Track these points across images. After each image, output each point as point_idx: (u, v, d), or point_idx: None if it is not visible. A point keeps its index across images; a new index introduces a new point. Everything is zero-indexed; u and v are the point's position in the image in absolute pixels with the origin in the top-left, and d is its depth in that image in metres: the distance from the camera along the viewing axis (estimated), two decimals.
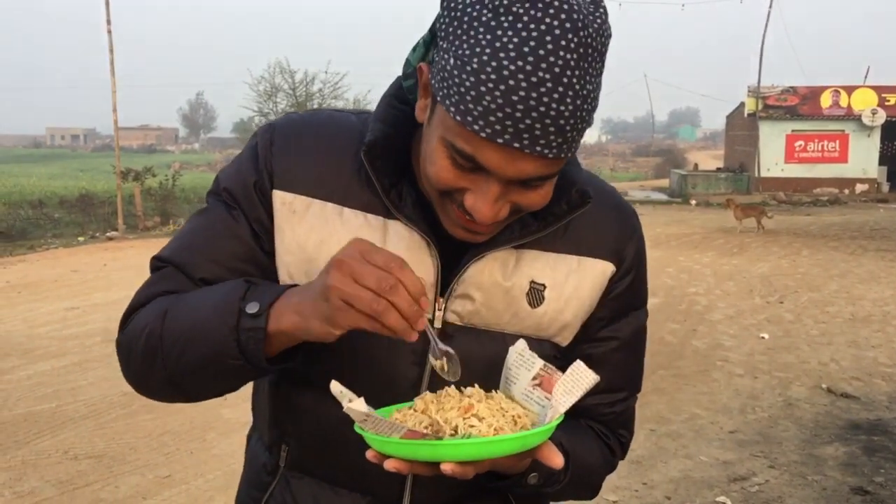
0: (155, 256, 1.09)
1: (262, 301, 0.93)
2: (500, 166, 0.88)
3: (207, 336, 0.95)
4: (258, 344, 0.93)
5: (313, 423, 1.09)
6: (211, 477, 4.31)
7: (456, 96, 0.86)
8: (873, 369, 6.49)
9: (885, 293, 9.74)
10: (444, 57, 0.89)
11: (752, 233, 16.36)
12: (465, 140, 0.88)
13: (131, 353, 1.03)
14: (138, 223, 17.89)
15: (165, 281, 1.06)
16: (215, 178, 1.11)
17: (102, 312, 8.56)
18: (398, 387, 1.04)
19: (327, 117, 1.09)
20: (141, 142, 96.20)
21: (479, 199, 0.91)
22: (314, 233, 1.03)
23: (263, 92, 26.94)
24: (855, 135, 27.27)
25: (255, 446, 1.21)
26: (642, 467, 4.44)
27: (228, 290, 0.97)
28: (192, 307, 0.99)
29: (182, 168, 27.94)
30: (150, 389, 1.07)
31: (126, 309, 1.08)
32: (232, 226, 1.06)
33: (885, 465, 4.50)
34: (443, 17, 0.90)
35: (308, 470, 1.12)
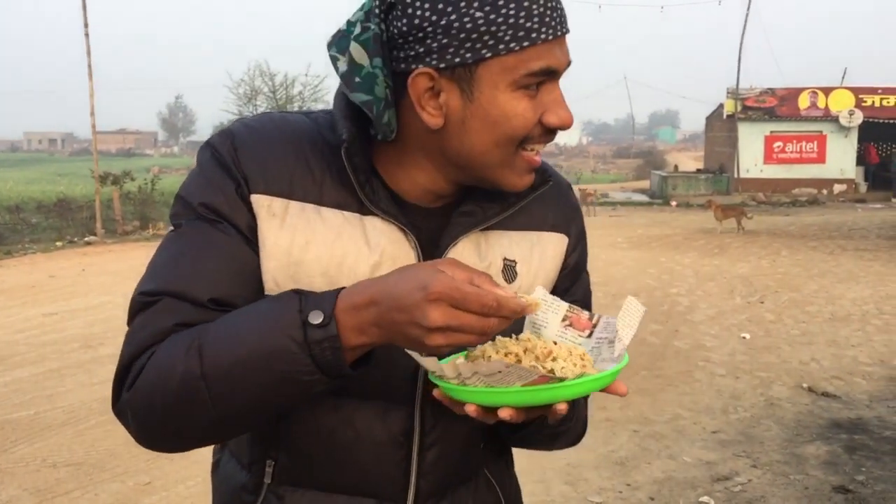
0: (140, 292, 0.99)
1: (322, 308, 0.89)
2: (561, 60, 0.99)
3: (271, 360, 0.89)
4: (336, 353, 0.89)
5: (310, 431, 1.05)
6: (191, 483, 4.27)
7: (510, 31, 0.94)
8: (853, 368, 6.53)
9: (864, 292, 9.82)
10: (458, 26, 0.94)
11: (732, 233, 16.46)
12: (535, 59, 0.96)
13: (152, 409, 0.94)
14: (117, 228, 17.75)
15: (165, 315, 0.96)
16: (177, 198, 1.04)
17: (81, 318, 8.47)
18: (395, 377, 1.05)
19: (281, 119, 1.08)
20: (119, 146, 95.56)
21: (560, 109, 0.99)
22: (298, 234, 1.01)
23: (243, 95, 26.83)
24: (833, 136, 27.53)
25: (226, 469, 1.15)
26: (626, 468, 4.44)
27: (278, 305, 0.91)
28: (236, 334, 0.91)
29: (161, 172, 27.73)
30: (177, 441, 0.98)
31: (120, 364, 0.98)
32: (222, 240, 1.00)
33: (866, 464, 4.52)
34: (415, 13, 0.95)
35: (301, 481, 1.08)
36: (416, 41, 0.96)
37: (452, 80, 0.96)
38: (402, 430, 1.06)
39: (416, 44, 0.96)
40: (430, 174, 1.05)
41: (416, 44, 0.96)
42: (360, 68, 0.98)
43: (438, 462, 1.09)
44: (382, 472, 1.06)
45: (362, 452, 1.04)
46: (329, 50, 1.02)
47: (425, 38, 0.95)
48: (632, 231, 17.07)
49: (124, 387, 0.96)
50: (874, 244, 14.69)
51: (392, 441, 1.06)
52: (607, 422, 5.23)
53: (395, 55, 0.98)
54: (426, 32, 0.95)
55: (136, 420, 0.96)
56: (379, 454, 1.06)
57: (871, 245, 14.56)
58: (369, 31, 0.97)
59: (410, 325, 0.86)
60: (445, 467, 1.09)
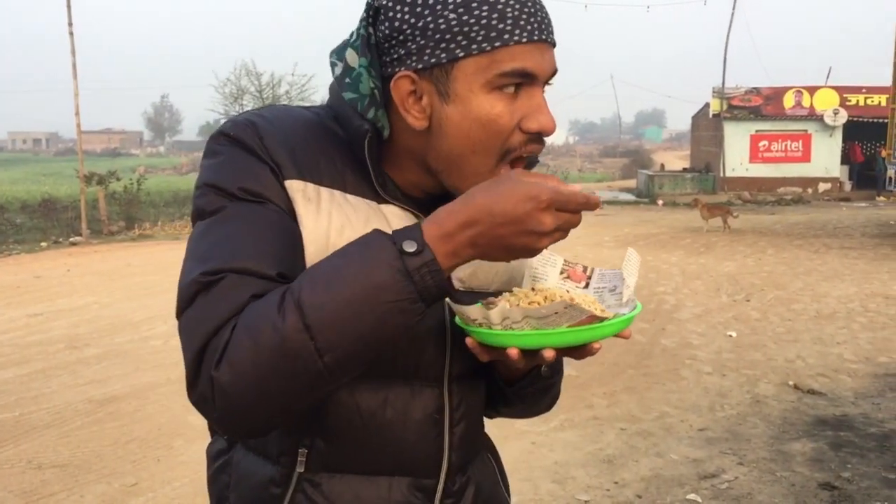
0: (201, 272, 0.95)
1: (413, 237, 0.92)
2: (541, 65, 1.00)
3: (379, 293, 0.89)
4: (436, 276, 0.91)
5: (351, 415, 1.06)
6: (178, 485, 4.25)
7: (482, 32, 0.97)
8: (839, 365, 6.57)
9: (849, 290, 9.89)
10: (433, 28, 0.97)
11: (718, 232, 16.53)
12: (509, 60, 0.98)
13: (248, 380, 0.90)
14: (102, 228, 17.65)
15: (237, 291, 0.93)
16: (207, 187, 1.02)
17: (66, 319, 8.42)
18: (425, 357, 1.09)
19: (290, 110, 1.11)
20: (105, 145, 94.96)
21: (539, 114, 1.01)
22: (333, 219, 1.03)
23: (229, 94, 26.73)
24: (817, 134, 27.68)
25: (243, 466, 1.12)
26: (613, 466, 4.45)
27: (368, 243, 0.92)
28: (336, 278, 0.90)
29: (147, 172, 27.56)
30: (273, 412, 0.93)
31: (193, 346, 0.93)
32: (274, 217, 1.00)
33: (851, 461, 4.55)
34: (396, 16, 0.99)
35: (338, 467, 1.08)
36: (398, 44, 1.00)
37: (431, 81, 1.00)
38: (437, 408, 1.11)
39: (399, 47, 1.00)
40: (420, 176, 1.09)
41: (399, 47, 1.00)
42: (351, 70, 1.04)
43: (464, 437, 1.14)
44: (421, 449, 1.10)
45: (402, 432, 1.08)
46: (330, 57, 1.08)
47: (405, 40, 1.00)
48: (618, 230, 17.12)
49: (207, 367, 0.91)
50: (859, 242, 14.79)
51: (428, 419, 1.10)
52: (594, 420, 5.24)
53: (383, 59, 1.03)
54: (406, 35, 0.99)
55: (225, 399, 0.91)
56: (418, 432, 1.09)
57: (855, 243, 14.65)
58: (359, 35, 1.03)
59: (521, 235, 0.91)
60: (468, 442, 1.16)
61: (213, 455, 1.18)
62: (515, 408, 1.26)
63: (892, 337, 7.50)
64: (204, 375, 0.92)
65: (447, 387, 1.11)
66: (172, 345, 7.25)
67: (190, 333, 0.94)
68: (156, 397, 5.73)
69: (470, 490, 1.17)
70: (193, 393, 0.94)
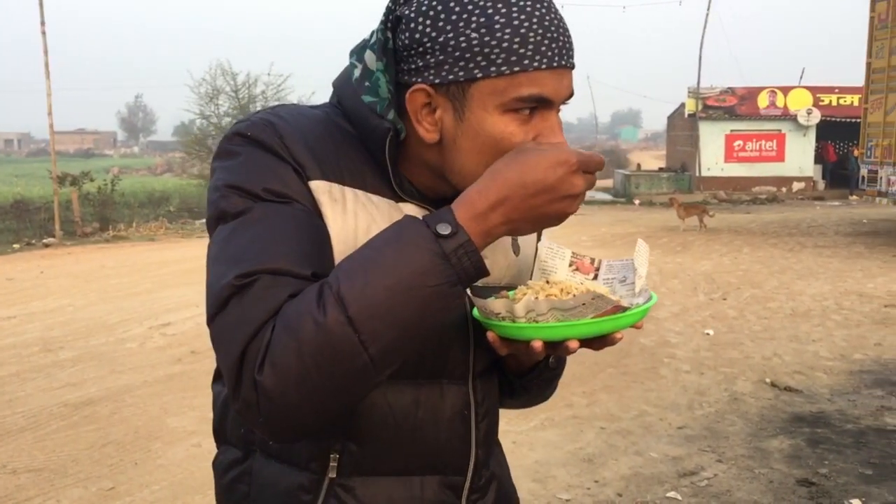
0: (234, 275, 0.92)
1: (446, 220, 0.92)
2: (557, 90, 1.00)
3: (423, 277, 0.89)
4: (473, 256, 0.92)
5: (384, 417, 1.06)
6: (157, 488, 4.21)
7: (502, 55, 0.96)
8: (814, 363, 6.64)
9: (824, 288, 9.99)
10: (454, 45, 0.97)
11: (694, 231, 16.64)
12: (527, 84, 0.97)
13: (293, 380, 0.88)
14: (76, 229, 17.44)
15: (273, 291, 0.91)
16: (229, 188, 0.99)
17: (40, 321, 8.32)
18: (451, 355, 1.10)
19: (302, 109, 1.10)
20: (78, 146, 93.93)
21: (552, 136, 1.00)
22: (360, 219, 1.03)
23: (205, 94, 26.47)
24: (791, 134, 27.96)
25: (266, 475, 1.09)
26: (594, 465, 4.46)
27: (403, 229, 0.92)
28: (376, 267, 0.90)
29: (121, 172, 27.27)
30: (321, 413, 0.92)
31: (233, 352, 0.90)
32: (302, 216, 0.98)
33: (828, 457, 4.60)
34: (416, 28, 0.99)
35: (371, 469, 1.08)
36: (417, 55, 1.00)
37: (447, 97, 1.00)
38: (464, 405, 1.13)
39: (417, 58, 1.00)
40: (433, 181, 1.09)
41: (417, 58, 1.00)
42: (371, 73, 1.03)
43: (488, 432, 1.17)
44: (451, 447, 1.12)
45: (434, 430, 1.10)
46: (350, 57, 1.08)
47: (424, 53, 0.99)
48: (596, 229, 17.18)
49: (249, 371, 0.89)
50: (832, 241, 14.94)
51: (458, 416, 1.12)
52: (574, 419, 5.25)
53: (400, 66, 1.03)
54: (425, 48, 0.99)
55: (271, 402, 0.89)
56: (449, 430, 1.11)
57: (829, 242, 14.80)
58: (379, 38, 1.02)
59: (556, 202, 0.93)
60: (490, 437, 1.19)
61: (225, 466, 1.15)
62: (520, 399, 1.29)
63: (866, 334, 7.59)
64: (247, 380, 0.89)
65: (472, 383, 1.13)
66: (149, 347, 7.19)
67: (227, 339, 0.92)
68: (132, 400, 5.67)
69: (494, 484, 1.20)
70: (237, 400, 0.91)
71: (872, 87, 15.24)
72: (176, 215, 22.01)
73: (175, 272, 11.64)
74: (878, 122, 14.91)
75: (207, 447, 4.73)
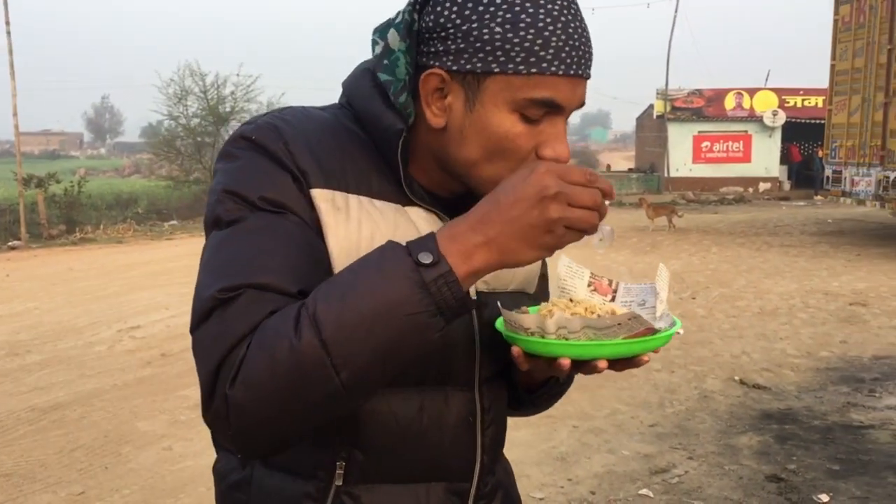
0: (219, 289, 0.92)
1: (429, 249, 0.90)
2: (569, 97, 0.99)
3: (398, 307, 0.87)
4: (454, 287, 0.89)
5: (388, 424, 1.05)
6: (127, 492, 4.17)
7: (522, 54, 0.96)
8: (782, 360, 6.73)
9: (790, 287, 10.13)
10: (476, 35, 0.97)
11: (663, 231, 16.79)
12: (541, 87, 0.97)
13: (264, 397, 0.88)
14: (42, 232, 17.21)
15: (256, 306, 0.91)
16: (226, 193, 0.99)
17: (6, 325, 8.19)
18: (456, 362, 1.09)
19: (309, 112, 1.08)
20: (43, 147, 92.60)
21: (557, 143, 1.01)
22: (363, 227, 1.02)
23: (173, 95, 26.22)
24: (757, 135, 28.33)
25: (270, 484, 1.08)
26: (567, 463, 4.49)
27: (384, 256, 0.90)
28: (353, 292, 0.88)
29: (88, 174, 26.99)
30: (288, 430, 0.93)
31: (209, 363, 0.91)
32: (295, 230, 0.97)
33: (796, 453, 4.67)
34: (443, 12, 0.99)
35: (376, 477, 1.07)
36: (439, 39, 1.00)
37: (461, 85, 1.00)
38: (469, 411, 1.11)
39: (438, 42, 1.00)
40: (442, 176, 1.08)
41: (438, 42, 1.00)
42: (391, 52, 1.03)
43: (494, 438, 1.16)
44: (456, 453, 1.11)
45: (439, 437, 1.09)
46: (373, 34, 1.07)
47: (446, 38, 0.99)
48: None
49: (222, 385, 0.89)
50: (798, 240, 15.16)
51: (463, 422, 1.11)
52: (548, 418, 5.28)
53: (421, 49, 1.02)
54: (448, 33, 0.99)
55: (240, 417, 0.89)
56: (454, 436, 1.10)
57: (795, 241, 15.01)
58: (405, 19, 1.02)
59: (533, 208, 0.90)
60: (497, 444, 1.18)
61: (223, 473, 1.14)
62: (525, 410, 1.29)
63: (832, 332, 7.71)
64: (219, 394, 0.90)
65: (478, 390, 1.12)
66: (117, 350, 7.11)
67: (205, 351, 0.92)
68: (101, 404, 5.60)
69: (500, 492, 1.19)
70: (208, 411, 0.92)
71: (836, 89, 15.48)
72: (144, 217, 21.81)
73: (144, 274, 11.53)
74: (842, 123, 15.15)
75: (178, 451, 4.69)
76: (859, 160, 14.52)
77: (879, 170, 13.79)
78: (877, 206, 14.82)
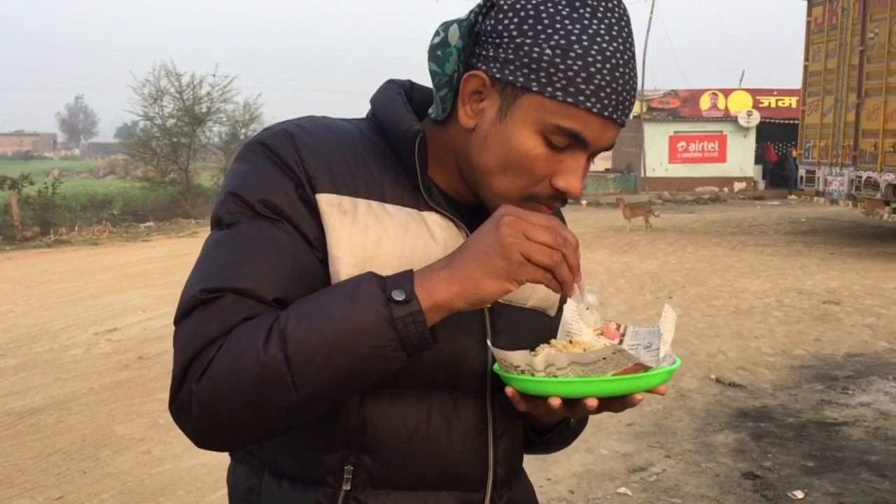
0: (202, 289, 0.97)
1: (403, 287, 0.94)
2: (597, 138, 1.01)
3: (362, 337, 0.92)
4: (420, 327, 0.93)
5: (395, 429, 1.06)
6: (106, 496, 4.14)
7: (563, 81, 0.97)
8: (757, 359, 6.81)
9: (765, 286, 10.24)
10: (526, 51, 0.98)
11: (640, 231, 16.90)
12: (572, 119, 0.98)
13: (225, 398, 0.93)
14: (16, 234, 17.02)
15: (232, 310, 0.96)
16: (229, 195, 1.03)
17: None
18: (466, 367, 1.08)
19: (328, 122, 1.12)
20: (16, 148, 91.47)
21: (572, 176, 1.02)
22: (371, 231, 1.03)
23: (148, 95, 26.03)
24: (732, 135, 28.58)
25: (281, 491, 1.08)
26: (546, 463, 4.52)
27: (359, 286, 0.94)
28: (322, 316, 0.93)
29: (62, 175, 26.73)
30: (243, 433, 0.98)
31: (183, 358, 0.96)
32: (285, 240, 1.00)
33: (772, 450, 4.73)
34: (503, 20, 1.00)
35: (385, 483, 1.07)
36: (492, 45, 1.01)
37: (499, 94, 1.02)
38: (480, 418, 1.10)
39: (491, 47, 1.02)
40: (459, 181, 1.11)
41: (491, 47, 1.02)
42: (447, 45, 1.04)
43: (508, 450, 1.14)
44: (466, 462, 1.10)
45: (448, 443, 1.08)
46: (439, 26, 1.09)
47: (499, 45, 1.01)
48: None
49: (190, 379, 0.95)
50: (773, 239, 15.32)
51: (473, 429, 1.10)
52: None
53: (475, 50, 1.04)
54: (502, 41, 1.00)
55: (201, 413, 0.95)
56: (463, 443, 1.09)
57: (769, 240, 15.17)
58: (469, 19, 1.04)
59: (489, 257, 0.93)
60: (512, 457, 1.16)
61: (234, 484, 1.15)
62: (539, 450, 1.28)
63: (806, 330, 7.81)
64: (186, 387, 0.95)
65: (489, 397, 1.10)
66: (94, 353, 7.06)
67: (181, 346, 0.97)
68: (79, 408, 5.56)
69: None
70: (174, 402, 0.97)
71: (810, 90, 15.67)
72: (119, 219, 21.63)
73: (119, 276, 11.43)
74: (816, 123, 15.34)
75: (157, 454, 4.67)
76: (832, 160, 14.70)
77: (852, 170, 13.98)
78: (849, 205, 15.04)
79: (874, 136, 13.34)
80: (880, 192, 13.16)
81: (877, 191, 13.26)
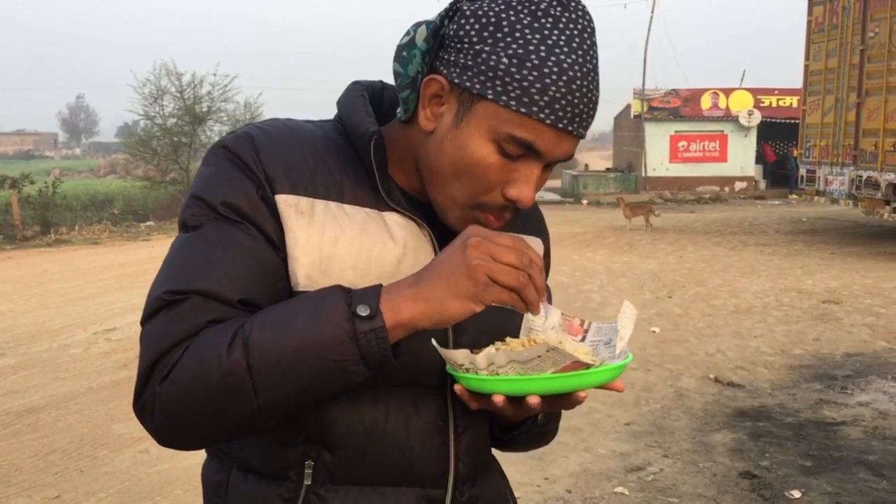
0: (166, 290, 0.99)
1: (368, 303, 0.94)
2: (552, 149, 1.01)
3: (322, 350, 0.93)
4: (382, 343, 0.94)
5: (353, 426, 1.07)
6: (103, 496, 4.15)
7: (518, 90, 0.97)
8: (756, 358, 6.81)
9: (765, 285, 10.23)
10: (483, 59, 0.98)
11: (640, 230, 16.89)
12: (525, 129, 0.98)
13: (187, 401, 0.95)
14: (16, 233, 17.04)
15: (197, 313, 0.97)
16: (193, 198, 1.05)
17: None
18: (426, 365, 1.08)
19: (291, 124, 1.13)
20: (17, 147, 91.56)
21: (524, 186, 1.02)
22: (327, 231, 1.05)
23: (149, 94, 26.03)
24: (733, 135, 28.55)
25: (244, 487, 1.10)
26: (543, 462, 4.52)
27: (325, 299, 0.95)
28: (285, 326, 0.94)
29: (63, 174, 26.76)
30: (204, 436, 1.00)
31: (147, 359, 0.98)
32: (247, 241, 1.02)
33: (769, 450, 4.73)
34: (465, 25, 1.01)
35: (345, 479, 1.08)
36: (454, 50, 1.02)
37: (457, 100, 1.02)
38: (440, 415, 1.11)
39: (453, 52, 1.02)
40: (419, 181, 1.11)
41: (453, 52, 1.02)
42: (413, 47, 1.05)
43: (471, 447, 1.15)
44: (426, 458, 1.10)
45: (406, 440, 1.09)
46: (411, 25, 1.09)
47: (460, 51, 1.01)
48: None
49: (154, 381, 0.97)
50: (773, 239, 15.31)
51: (432, 426, 1.10)
52: None
53: (439, 54, 1.05)
54: (462, 47, 1.01)
55: (164, 414, 0.97)
56: (422, 440, 1.10)
57: (770, 240, 15.16)
58: (435, 22, 1.04)
59: (455, 277, 0.93)
60: (476, 453, 1.16)
61: (207, 478, 1.17)
62: (509, 448, 1.28)
63: (805, 330, 7.81)
64: (150, 388, 0.97)
65: (450, 394, 1.10)
66: (93, 353, 7.07)
67: (146, 346, 0.99)
68: (77, 407, 5.57)
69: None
70: (138, 403, 0.99)
71: (810, 90, 15.66)
72: (120, 218, 21.65)
73: (119, 276, 11.44)
74: (816, 123, 15.33)
75: (155, 453, 4.67)
76: (833, 160, 14.69)
77: (852, 169, 13.97)
78: (850, 204, 15.02)
79: (875, 135, 13.33)
80: (881, 192, 13.15)
81: (877, 190, 13.25)
